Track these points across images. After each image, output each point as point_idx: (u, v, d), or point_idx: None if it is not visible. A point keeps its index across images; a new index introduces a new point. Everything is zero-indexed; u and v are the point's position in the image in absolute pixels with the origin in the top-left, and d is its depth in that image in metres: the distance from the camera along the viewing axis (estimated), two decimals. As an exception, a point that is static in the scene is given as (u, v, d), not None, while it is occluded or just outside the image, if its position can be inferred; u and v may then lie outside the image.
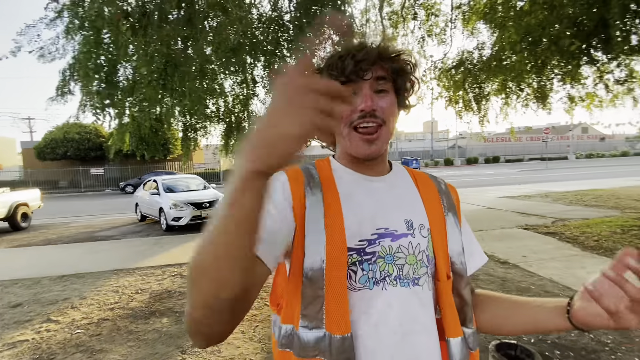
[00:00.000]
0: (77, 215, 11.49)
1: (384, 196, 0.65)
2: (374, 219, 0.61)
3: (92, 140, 24.02)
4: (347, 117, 0.62)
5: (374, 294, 0.58)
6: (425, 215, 0.65)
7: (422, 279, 0.61)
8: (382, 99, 0.62)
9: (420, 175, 0.73)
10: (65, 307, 3.42)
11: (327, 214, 0.59)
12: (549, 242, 5.01)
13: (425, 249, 0.62)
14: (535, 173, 21.16)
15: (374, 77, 0.61)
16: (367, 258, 0.59)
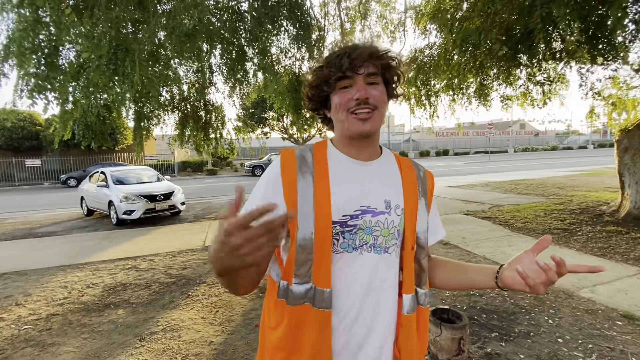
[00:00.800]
0: (11, 210, 10.38)
1: (370, 179, 0.78)
2: (359, 198, 0.75)
3: (27, 128, 21.52)
4: (345, 104, 0.74)
5: (351, 256, 0.74)
6: (402, 197, 0.79)
7: (392, 248, 0.77)
8: (374, 89, 0.75)
9: (404, 161, 0.87)
10: (8, 304, 3.21)
11: (316, 193, 0.73)
12: (485, 225, 5.63)
13: (397, 225, 0.77)
14: (479, 165, 23.02)
15: (367, 72, 0.74)
16: (349, 229, 0.74)
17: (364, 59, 0.73)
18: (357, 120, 0.74)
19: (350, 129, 0.75)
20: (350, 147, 0.80)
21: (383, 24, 8.25)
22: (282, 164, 0.78)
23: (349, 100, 0.74)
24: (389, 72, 0.77)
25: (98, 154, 22.71)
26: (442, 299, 3.06)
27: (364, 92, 0.73)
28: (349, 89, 0.75)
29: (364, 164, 0.79)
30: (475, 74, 5.56)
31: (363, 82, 0.74)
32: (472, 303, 2.94)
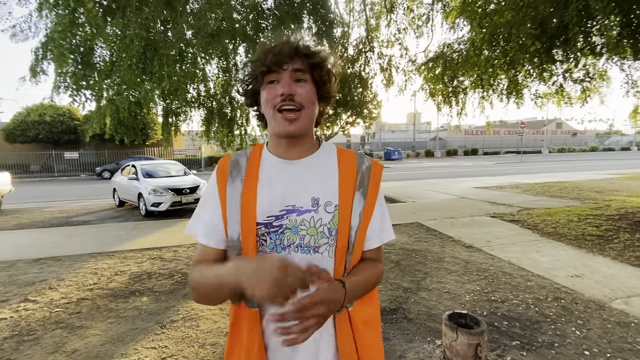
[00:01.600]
0: (50, 200, 11.15)
1: (296, 177, 0.77)
2: (284, 198, 0.74)
3: (66, 122, 22.99)
4: (272, 100, 0.73)
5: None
6: (337, 193, 0.76)
7: (322, 247, 0.74)
8: (301, 87, 0.73)
9: (346, 155, 0.82)
10: (42, 288, 3.45)
11: (244, 197, 0.75)
12: (512, 228, 5.38)
13: (327, 222, 0.74)
14: (510, 165, 22.04)
15: (292, 69, 0.72)
16: (274, 230, 0.74)
17: (289, 55, 0.71)
18: (283, 120, 0.73)
19: (276, 129, 0.75)
20: (279, 146, 0.79)
21: (410, 18, 8.06)
22: (217, 171, 0.81)
23: (275, 96, 0.72)
24: (318, 72, 0.74)
25: (130, 148, 23.85)
26: (462, 303, 2.96)
27: (287, 88, 0.71)
28: (275, 84, 0.73)
29: (291, 163, 0.78)
30: (507, 70, 5.30)
31: (288, 78, 0.72)
32: (493, 309, 2.83)
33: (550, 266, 3.73)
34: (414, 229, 5.53)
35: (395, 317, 2.73)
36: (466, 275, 3.54)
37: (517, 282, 3.36)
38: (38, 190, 14.50)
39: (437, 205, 7.60)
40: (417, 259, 4.11)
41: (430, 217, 6.37)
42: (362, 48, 8.16)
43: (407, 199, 8.63)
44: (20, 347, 2.39)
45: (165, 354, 2.29)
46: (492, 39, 4.16)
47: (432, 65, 7.79)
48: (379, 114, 10.97)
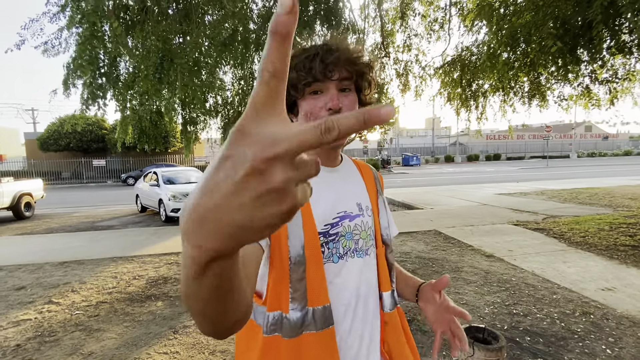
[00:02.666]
0: (79, 205, 11.69)
1: (340, 184, 0.76)
2: (334, 205, 0.72)
3: (95, 132, 24.19)
4: (316, 114, 0.68)
5: (337, 266, 0.71)
6: (368, 198, 0.79)
7: (370, 249, 0.77)
8: (346, 97, 0.70)
9: (362, 165, 0.87)
10: (66, 290, 3.58)
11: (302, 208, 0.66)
12: (537, 237, 5.13)
13: (371, 225, 0.77)
14: (535, 171, 21.18)
15: (340, 78, 0.68)
16: (332, 238, 0.71)
17: (337, 63, 0.66)
18: None
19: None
20: (320, 154, 0.74)
21: (426, 23, 7.96)
22: None
23: (320, 109, 0.68)
24: (362, 79, 0.71)
25: (153, 155, 24.76)
26: (481, 316, 2.83)
27: (336, 102, 0.67)
28: (319, 95, 0.69)
29: (333, 170, 0.77)
30: (528, 72, 5.12)
31: (335, 90, 0.68)
32: (515, 323, 2.68)
33: (579, 278, 3.52)
34: (431, 237, 5.38)
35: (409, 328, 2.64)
36: (486, 286, 3.39)
37: (541, 294, 3.18)
38: (68, 196, 15.25)
39: (456, 212, 7.38)
40: (433, 268, 3.98)
41: (449, 224, 6.18)
42: (378, 54, 8.12)
43: (425, 206, 8.44)
44: (42, 348, 2.48)
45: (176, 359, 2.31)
46: (511, 40, 4.02)
47: (449, 69, 7.64)
48: (396, 120, 10.85)
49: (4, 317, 2.99)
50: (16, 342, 2.57)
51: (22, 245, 5.75)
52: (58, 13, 4.39)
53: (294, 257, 0.66)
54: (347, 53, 0.68)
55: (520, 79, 6.27)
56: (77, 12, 3.83)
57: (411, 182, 16.51)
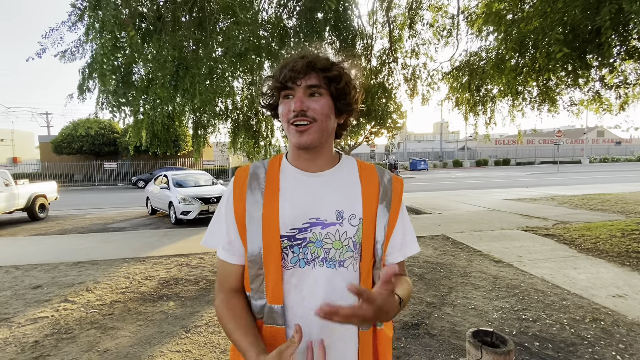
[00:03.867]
0: (91, 207, 11.93)
1: (319, 190, 0.75)
2: (308, 210, 0.73)
3: (107, 135, 24.68)
4: (286, 115, 0.73)
5: (304, 271, 0.72)
6: (361, 206, 0.75)
7: (348, 261, 0.74)
8: (315, 101, 0.72)
9: (367, 168, 0.82)
10: (80, 289, 3.69)
11: (265, 209, 0.73)
12: (546, 243, 5.08)
13: (352, 236, 0.73)
14: (546, 176, 20.89)
15: (307, 84, 0.71)
16: (297, 243, 0.72)
17: (303, 71, 0.70)
18: (295, 132, 0.72)
19: (291, 141, 0.75)
20: (299, 159, 0.78)
21: (434, 28, 8.00)
22: (234, 183, 0.79)
23: (289, 112, 0.72)
24: (335, 85, 0.73)
25: (163, 159, 25.13)
26: (489, 320, 2.82)
27: (299, 105, 0.70)
28: (289, 99, 0.73)
29: (313, 175, 0.77)
30: (536, 77, 5.11)
31: (302, 94, 0.71)
32: (524, 328, 2.68)
33: (589, 284, 3.48)
34: (439, 242, 5.37)
35: (417, 332, 2.66)
36: (494, 292, 3.39)
37: (550, 300, 3.16)
38: (80, 198, 15.57)
39: (464, 218, 7.34)
40: (442, 272, 3.98)
41: (457, 229, 6.16)
42: (386, 59, 8.18)
43: (433, 211, 8.41)
44: (59, 345, 2.56)
45: (188, 358, 2.36)
46: (520, 46, 4.04)
47: (458, 74, 7.66)
48: (403, 124, 10.86)
49: (22, 315, 3.09)
50: (34, 338, 2.66)
51: (37, 246, 5.91)
52: (76, 22, 4.57)
53: (250, 256, 0.73)
54: (315, 61, 0.71)
55: (529, 84, 6.26)
56: (95, 21, 3.97)
57: (419, 186, 16.44)
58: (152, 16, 4.10)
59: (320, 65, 0.71)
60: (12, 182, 8.60)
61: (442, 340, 2.52)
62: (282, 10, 5.16)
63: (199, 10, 4.21)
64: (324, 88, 0.72)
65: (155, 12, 4.01)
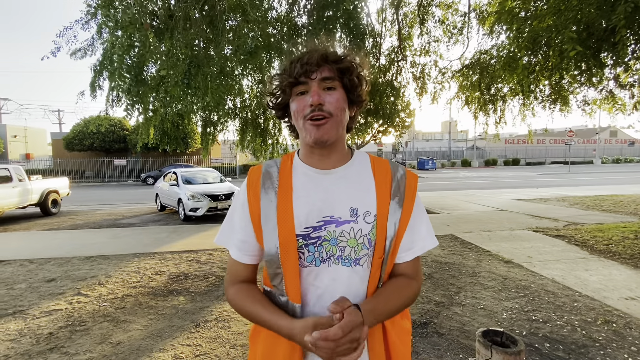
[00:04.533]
0: (101, 203, 12.13)
1: (333, 188, 0.74)
2: (321, 208, 0.72)
3: (117, 132, 25.02)
4: (301, 111, 0.72)
5: (320, 270, 0.72)
6: (375, 202, 0.74)
7: (363, 259, 0.73)
8: (330, 95, 0.71)
9: (380, 163, 0.81)
10: (93, 283, 3.76)
11: (279, 208, 0.73)
12: (557, 244, 5.01)
13: (367, 233, 0.72)
14: (556, 177, 20.58)
15: (321, 77, 0.70)
16: (312, 241, 0.72)
17: (316, 63, 0.69)
18: (312, 127, 0.71)
19: (307, 137, 0.73)
20: (312, 156, 0.77)
21: (444, 27, 7.93)
22: (247, 183, 0.79)
23: (305, 107, 0.71)
24: (348, 76, 0.73)
25: (172, 156, 25.39)
26: (498, 321, 2.81)
27: (317, 98, 0.69)
28: (304, 95, 0.72)
29: (326, 173, 0.76)
30: (549, 76, 5.03)
31: (317, 87, 0.70)
32: (534, 329, 2.65)
33: (601, 286, 3.43)
34: (447, 242, 5.34)
35: (425, 331, 2.65)
36: (504, 292, 3.36)
37: (561, 302, 3.13)
38: (91, 194, 15.84)
39: (473, 217, 7.28)
40: (450, 272, 3.96)
41: (466, 229, 6.11)
42: (395, 57, 8.13)
43: (441, 210, 8.36)
44: (73, 337, 2.62)
45: (199, 352, 2.40)
46: (532, 44, 3.98)
47: (468, 72, 7.58)
48: (411, 123, 10.79)
49: (37, 307, 3.17)
50: (49, 330, 2.73)
51: (50, 240, 6.03)
52: (89, 20, 4.64)
53: (267, 255, 0.74)
54: (326, 53, 0.71)
55: (541, 83, 6.17)
56: (109, 20, 4.03)
57: (427, 186, 16.33)
58: (164, 15, 4.14)
59: (332, 57, 0.71)
60: (26, 178, 8.79)
61: (450, 340, 2.52)
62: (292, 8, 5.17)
63: (210, 9, 4.24)
64: (337, 80, 0.72)
65: (167, 11, 4.06)
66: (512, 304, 3.08)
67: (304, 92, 0.72)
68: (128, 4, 3.98)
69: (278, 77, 0.75)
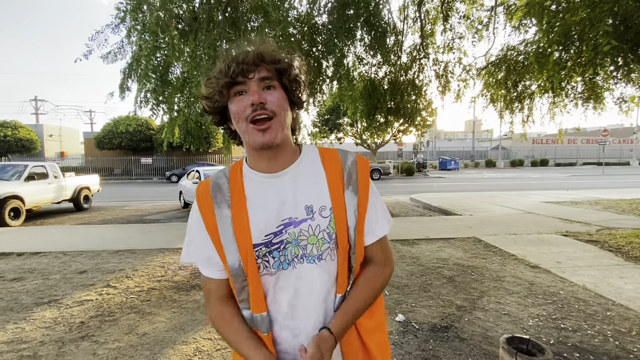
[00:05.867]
0: (129, 200, 12.65)
1: (286, 190, 0.74)
2: (278, 212, 0.72)
3: (143, 132, 26.04)
4: (242, 112, 0.69)
5: (287, 273, 0.72)
6: (329, 195, 0.73)
7: (325, 253, 0.73)
8: (271, 94, 0.70)
9: (329, 154, 0.80)
10: (121, 276, 3.93)
11: (235, 221, 0.72)
12: (589, 249, 4.76)
13: (326, 227, 0.72)
14: (589, 179, 19.54)
15: (260, 77, 0.69)
16: (276, 247, 0.72)
17: (253, 63, 0.68)
18: (256, 131, 0.69)
19: (251, 141, 0.71)
20: (260, 160, 0.75)
21: (469, 22, 7.70)
22: (197, 200, 0.77)
23: (245, 107, 0.69)
24: (287, 77, 0.72)
25: (195, 155, 26.12)
26: (524, 328, 2.70)
27: (257, 97, 0.67)
28: (243, 95, 0.70)
29: (277, 176, 0.75)
30: (582, 72, 4.78)
31: (256, 86, 0.69)
32: (562, 338, 2.53)
33: (637, 295, 3.23)
34: (470, 244, 5.19)
35: (446, 335, 2.59)
36: (530, 298, 3.23)
37: (593, 310, 2.97)
38: (119, 190, 16.56)
39: (497, 220, 7.03)
40: (473, 276, 3.85)
41: (490, 232, 5.92)
42: (417, 55, 7.98)
43: (464, 212, 8.13)
44: (102, 326, 2.75)
45: (219, 346, 2.46)
46: (564, 39, 3.79)
47: (493, 69, 7.33)
48: (433, 122, 10.58)
49: (70, 297, 3.35)
50: (80, 319, 2.88)
51: (82, 234, 6.36)
52: (119, 24, 4.85)
53: (232, 270, 0.73)
54: (264, 53, 0.69)
55: (572, 80, 5.87)
56: (137, 23, 4.19)
57: (448, 186, 15.94)
58: (188, 17, 4.26)
59: (269, 57, 0.70)
60: (61, 175, 9.30)
61: (472, 345, 2.45)
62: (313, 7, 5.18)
63: (233, 10, 4.32)
64: (276, 80, 0.71)
65: (191, 13, 4.18)
66: (539, 311, 2.96)
67: (242, 92, 0.70)
68: (155, 7, 4.12)
69: (213, 79, 0.72)
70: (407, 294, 3.35)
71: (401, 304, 3.13)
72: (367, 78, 7.45)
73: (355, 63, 6.80)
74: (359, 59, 6.73)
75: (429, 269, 4.09)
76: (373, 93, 7.48)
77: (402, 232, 6.07)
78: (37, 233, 6.61)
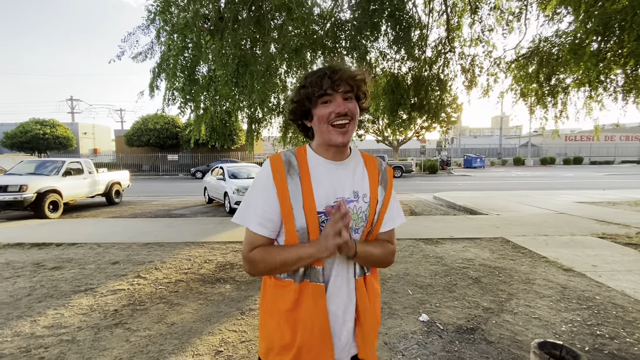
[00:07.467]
0: (156, 195, 13.15)
1: (342, 176, 0.96)
2: (335, 191, 0.93)
3: (170, 129, 26.94)
4: (327, 117, 0.90)
5: None
6: (369, 187, 0.98)
7: (360, 229, 0.97)
8: (350, 103, 0.92)
9: (369, 158, 1.05)
10: (150, 267, 4.10)
11: (304, 191, 0.91)
12: (628, 253, 4.48)
13: (365, 210, 0.96)
14: (627, 178, 18.34)
15: (344, 90, 0.90)
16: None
17: (339, 79, 0.89)
18: (337, 133, 0.91)
19: (331, 140, 0.92)
20: (328, 151, 0.97)
21: (498, 14, 7.39)
22: (272, 169, 0.94)
23: (330, 114, 0.90)
24: (360, 90, 0.94)
25: (219, 152, 26.74)
26: (556, 333, 2.58)
27: (343, 107, 0.89)
28: (328, 104, 0.91)
29: (337, 164, 0.97)
30: (623, 64, 4.48)
31: (341, 99, 0.90)
32: (599, 345, 2.40)
33: (684, 303, 3.00)
34: (497, 245, 5.02)
35: (472, 337, 2.52)
36: (562, 302, 3.08)
37: (632, 317, 2.79)
38: (147, 186, 17.25)
39: (526, 220, 6.75)
40: (500, 277, 3.72)
41: (518, 232, 5.69)
42: (442, 49, 7.76)
43: (490, 212, 7.86)
44: (134, 315, 2.88)
45: (244, 338, 2.51)
46: (603, 28, 3.55)
47: (524, 62, 7.01)
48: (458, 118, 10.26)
49: (104, 286, 3.53)
50: (114, 307, 3.03)
51: (114, 227, 6.69)
52: (149, 25, 5.02)
53: (299, 229, 0.90)
54: (348, 72, 0.91)
55: (612, 72, 5.51)
56: (165, 24, 4.32)
57: (474, 185, 15.45)
58: (215, 17, 4.35)
59: (350, 75, 0.91)
60: (94, 171, 9.81)
61: (500, 349, 2.37)
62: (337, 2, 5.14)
63: (257, 9, 4.37)
64: (352, 93, 0.92)
65: (217, 13, 4.26)
66: (573, 316, 2.82)
67: (327, 101, 0.90)
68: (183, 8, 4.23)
69: (303, 90, 0.93)
70: (430, 294, 3.29)
71: (425, 304, 3.08)
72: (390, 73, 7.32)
73: (378, 59, 6.70)
74: (382, 55, 6.62)
75: (454, 269, 3.99)
76: (396, 89, 7.35)
77: (425, 230, 5.95)
78: (73, 225, 7.01)
